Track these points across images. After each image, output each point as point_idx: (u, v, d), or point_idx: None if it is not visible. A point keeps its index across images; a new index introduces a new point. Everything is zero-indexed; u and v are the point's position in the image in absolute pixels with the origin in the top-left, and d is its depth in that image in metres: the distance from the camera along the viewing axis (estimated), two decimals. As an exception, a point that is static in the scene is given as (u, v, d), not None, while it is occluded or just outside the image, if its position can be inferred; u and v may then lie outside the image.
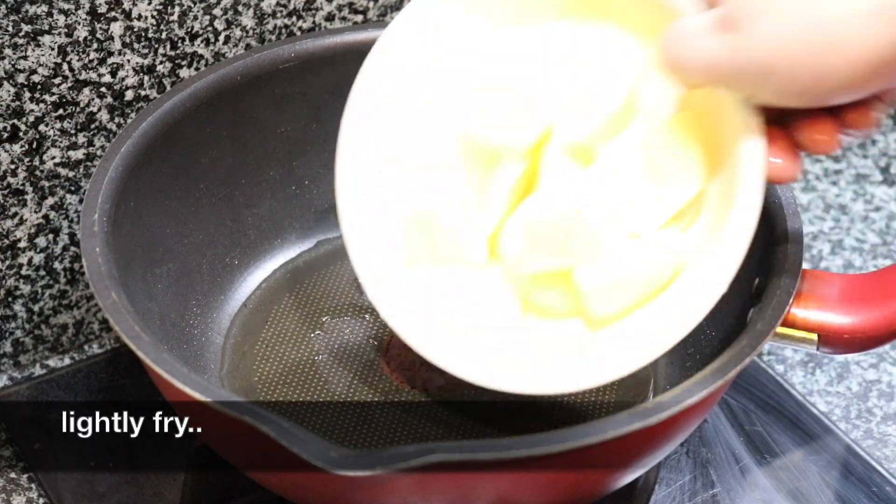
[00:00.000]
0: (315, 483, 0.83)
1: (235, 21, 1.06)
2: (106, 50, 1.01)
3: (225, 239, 1.05)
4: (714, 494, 1.00)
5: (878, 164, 1.31)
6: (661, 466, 1.01)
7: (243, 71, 1.03)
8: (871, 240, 1.23)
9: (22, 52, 0.98)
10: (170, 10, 1.02)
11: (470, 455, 0.78)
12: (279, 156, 1.07)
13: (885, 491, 1.01)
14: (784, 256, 0.91)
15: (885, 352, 1.13)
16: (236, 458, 0.88)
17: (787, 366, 1.11)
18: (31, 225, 1.04)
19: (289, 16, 1.08)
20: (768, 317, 0.88)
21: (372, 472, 0.77)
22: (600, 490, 0.90)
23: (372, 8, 1.11)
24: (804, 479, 1.01)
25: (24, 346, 1.08)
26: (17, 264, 1.05)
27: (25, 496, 0.99)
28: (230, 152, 1.04)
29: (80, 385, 1.07)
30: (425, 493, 0.84)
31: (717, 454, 1.02)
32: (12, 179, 1.02)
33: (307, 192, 1.09)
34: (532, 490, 0.86)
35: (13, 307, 1.06)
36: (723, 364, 0.85)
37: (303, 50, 1.04)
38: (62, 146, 1.02)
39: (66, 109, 1.01)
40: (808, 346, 0.92)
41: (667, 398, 0.83)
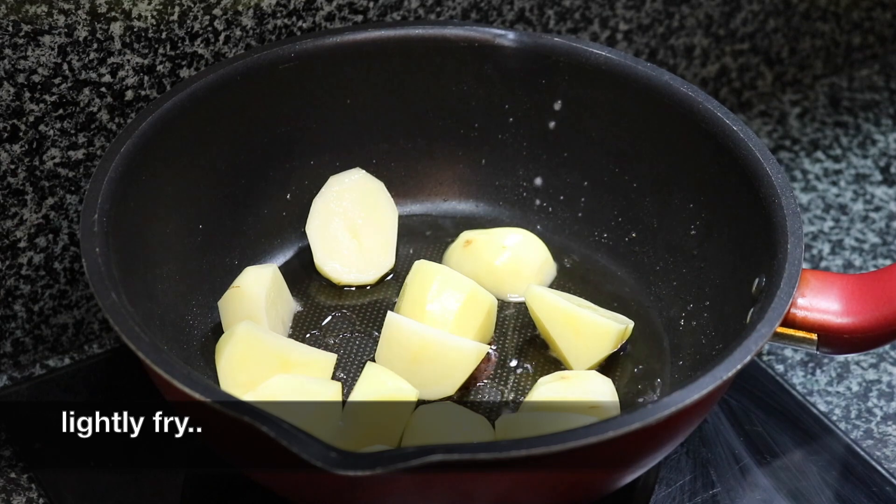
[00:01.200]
0: (315, 483, 0.83)
1: (235, 21, 1.06)
2: (106, 50, 1.01)
3: (225, 239, 1.05)
4: (714, 494, 1.00)
5: (878, 164, 1.31)
6: (661, 466, 1.01)
7: (243, 71, 1.03)
8: (871, 240, 1.23)
9: (22, 52, 0.98)
10: (170, 10, 1.02)
11: (470, 455, 0.78)
12: (278, 156, 1.07)
13: (885, 491, 1.01)
14: (784, 257, 0.91)
15: (885, 352, 1.13)
16: (236, 458, 0.88)
17: (788, 366, 1.11)
18: (31, 225, 1.04)
19: (289, 16, 1.08)
20: (768, 317, 0.88)
21: (372, 472, 0.77)
22: (600, 490, 0.90)
23: (372, 8, 1.11)
24: (804, 479, 1.01)
25: (24, 346, 1.08)
26: (17, 264, 1.05)
27: (25, 496, 0.99)
28: (230, 152, 1.04)
29: (80, 385, 1.07)
30: (425, 494, 0.84)
31: (717, 454, 1.02)
32: (12, 179, 1.02)
33: (307, 193, 1.08)
34: (532, 490, 0.86)
35: (13, 307, 1.06)
36: (723, 364, 0.85)
37: (303, 50, 1.04)
38: (62, 146, 1.02)
39: (66, 109, 1.01)
40: (807, 346, 0.92)
41: (666, 398, 0.83)
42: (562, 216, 1.10)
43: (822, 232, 1.24)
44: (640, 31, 1.25)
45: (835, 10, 1.37)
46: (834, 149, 1.33)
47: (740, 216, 0.99)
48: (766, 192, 0.96)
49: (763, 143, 0.99)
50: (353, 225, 1.07)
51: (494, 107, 1.09)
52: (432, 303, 1.01)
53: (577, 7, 1.20)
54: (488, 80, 1.08)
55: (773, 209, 0.95)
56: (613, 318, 1.01)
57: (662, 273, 1.05)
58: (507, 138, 1.10)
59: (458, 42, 1.07)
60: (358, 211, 1.07)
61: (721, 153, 1.00)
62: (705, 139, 1.01)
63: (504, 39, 1.07)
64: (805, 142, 1.34)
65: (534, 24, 1.18)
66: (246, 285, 1.00)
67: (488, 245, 1.08)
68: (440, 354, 0.98)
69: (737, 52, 1.33)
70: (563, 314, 1.00)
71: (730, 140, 1.00)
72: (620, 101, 1.06)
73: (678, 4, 1.25)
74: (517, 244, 1.07)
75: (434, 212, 1.13)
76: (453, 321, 1.00)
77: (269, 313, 0.99)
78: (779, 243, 0.93)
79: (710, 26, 1.29)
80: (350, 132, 1.09)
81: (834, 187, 1.29)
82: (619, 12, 1.22)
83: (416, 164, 1.11)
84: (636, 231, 1.07)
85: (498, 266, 1.05)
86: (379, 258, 1.07)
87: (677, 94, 1.03)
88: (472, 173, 1.12)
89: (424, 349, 0.98)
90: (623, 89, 1.05)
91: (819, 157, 1.32)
